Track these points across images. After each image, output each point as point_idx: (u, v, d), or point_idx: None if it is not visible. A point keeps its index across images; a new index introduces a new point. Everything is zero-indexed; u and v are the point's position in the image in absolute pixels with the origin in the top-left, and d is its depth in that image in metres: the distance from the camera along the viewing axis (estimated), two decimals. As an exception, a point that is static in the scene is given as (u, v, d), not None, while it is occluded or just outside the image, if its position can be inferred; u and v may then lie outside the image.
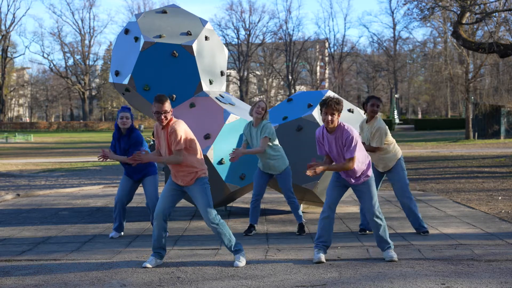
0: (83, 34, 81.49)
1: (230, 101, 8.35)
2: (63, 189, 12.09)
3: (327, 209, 5.55)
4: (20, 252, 6.07)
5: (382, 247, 5.56)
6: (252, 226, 7.01)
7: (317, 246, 5.52)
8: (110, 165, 20.40)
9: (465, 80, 38.01)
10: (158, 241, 5.42)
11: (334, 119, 5.29)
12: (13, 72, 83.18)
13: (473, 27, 30.39)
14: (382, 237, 5.52)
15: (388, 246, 5.52)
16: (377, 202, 5.54)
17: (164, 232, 5.45)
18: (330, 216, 5.52)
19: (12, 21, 75.83)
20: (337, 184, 5.61)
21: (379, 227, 5.50)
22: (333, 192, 5.60)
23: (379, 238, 5.54)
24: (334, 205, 5.59)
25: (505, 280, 4.70)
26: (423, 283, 4.66)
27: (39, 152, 33.18)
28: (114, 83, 8.56)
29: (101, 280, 4.90)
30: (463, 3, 17.32)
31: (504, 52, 17.24)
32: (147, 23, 8.39)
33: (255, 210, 7.02)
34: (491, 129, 37.86)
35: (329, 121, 5.28)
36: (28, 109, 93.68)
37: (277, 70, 78.08)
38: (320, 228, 5.53)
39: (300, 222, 7.01)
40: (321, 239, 5.52)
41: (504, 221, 7.52)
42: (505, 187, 11.44)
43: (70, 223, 7.94)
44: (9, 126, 74.57)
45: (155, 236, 5.43)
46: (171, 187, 5.46)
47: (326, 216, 5.52)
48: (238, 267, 5.27)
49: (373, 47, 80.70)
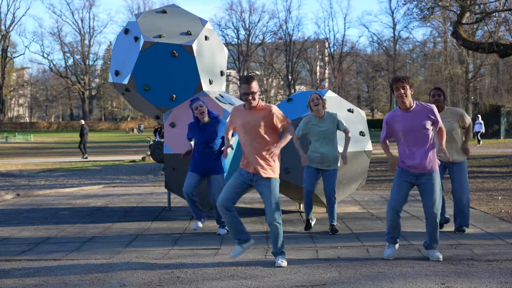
0: (83, 34, 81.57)
1: (230, 101, 8.35)
2: (63, 189, 12.09)
3: (390, 212, 5.46)
4: (20, 252, 6.07)
5: (431, 243, 5.47)
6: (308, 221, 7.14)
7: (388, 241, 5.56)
8: (109, 165, 20.40)
9: (465, 80, 38.05)
10: (234, 230, 5.37)
11: (407, 93, 5.24)
12: (13, 72, 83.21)
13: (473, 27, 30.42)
14: (436, 235, 5.44)
15: (436, 244, 5.48)
16: (441, 197, 5.42)
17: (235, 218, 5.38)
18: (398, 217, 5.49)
19: (12, 21, 75.95)
20: (404, 185, 5.43)
21: (436, 225, 5.42)
22: (400, 191, 5.43)
23: (432, 232, 5.44)
24: (401, 206, 5.45)
25: (505, 280, 4.70)
26: (423, 283, 4.66)
27: (39, 152, 33.17)
28: (114, 83, 8.56)
29: (101, 280, 4.90)
30: (463, 3, 17.32)
31: (504, 52, 17.25)
32: (147, 23, 8.39)
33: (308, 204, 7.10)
34: (491, 129, 37.88)
35: (402, 95, 5.24)
36: (28, 109, 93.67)
37: (277, 70, 78.09)
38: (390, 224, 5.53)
39: (331, 223, 7.00)
40: (390, 234, 5.55)
41: (504, 221, 7.52)
42: (505, 187, 11.44)
43: (70, 223, 7.94)
44: (9, 126, 74.57)
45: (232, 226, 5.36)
46: (238, 181, 5.33)
47: (391, 218, 5.48)
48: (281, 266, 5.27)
49: (373, 47, 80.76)
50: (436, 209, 5.36)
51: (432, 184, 5.36)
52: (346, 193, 8.32)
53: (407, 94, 5.27)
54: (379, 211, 8.51)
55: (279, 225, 5.31)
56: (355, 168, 8.00)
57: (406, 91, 5.26)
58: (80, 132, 25.95)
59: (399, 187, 5.44)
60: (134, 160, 22.77)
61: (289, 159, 7.71)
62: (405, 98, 5.27)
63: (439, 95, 6.70)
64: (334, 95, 8.22)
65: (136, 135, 59.51)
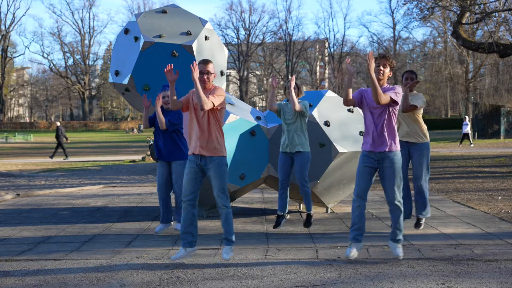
0: (83, 34, 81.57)
1: (230, 101, 8.35)
2: (63, 189, 12.09)
3: (356, 199, 5.41)
4: (20, 252, 6.07)
5: (394, 237, 5.43)
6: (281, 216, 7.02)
7: (352, 237, 5.44)
8: (109, 165, 20.40)
9: (465, 80, 38.06)
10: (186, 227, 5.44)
11: (385, 70, 5.34)
12: (13, 72, 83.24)
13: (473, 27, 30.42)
14: (400, 226, 5.40)
15: (399, 239, 5.42)
16: (401, 183, 5.35)
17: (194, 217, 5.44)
18: (362, 205, 5.40)
19: (12, 21, 75.93)
20: (366, 170, 5.41)
21: (398, 212, 5.38)
22: (362, 176, 5.40)
23: (396, 226, 5.40)
24: (365, 192, 5.40)
25: (505, 280, 4.70)
26: (423, 283, 4.66)
27: (39, 152, 33.17)
28: (114, 83, 8.56)
29: (101, 280, 4.90)
30: (463, 3, 17.32)
31: (504, 52, 17.25)
32: (147, 23, 8.39)
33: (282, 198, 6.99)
34: (491, 129, 37.89)
35: (380, 70, 5.31)
36: (28, 109, 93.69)
37: (277, 70, 78.07)
38: (354, 216, 5.43)
39: (309, 212, 6.98)
40: (354, 226, 5.44)
41: (504, 221, 7.52)
42: (505, 187, 11.44)
43: (70, 223, 7.94)
44: (9, 126, 74.57)
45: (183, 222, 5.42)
46: (191, 170, 5.38)
47: (357, 206, 5.41)
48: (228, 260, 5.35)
49: (373, 47, 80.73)
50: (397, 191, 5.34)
51: (393, 166, 5.34)
52: (346, 193, 8.32)
53: (385, 73, 5.37)
54: (379, 211, 8.51)
55: (228, 210, 5.40)
56: (355, 168, 8.00)
57: (385, 70, 5.37)
58: (56, 134, 25.83)
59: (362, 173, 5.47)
60: (134, 160, 22.78)
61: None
62: (381, 75, 5.36)
63: (412, 79, 6.82)
64: (334, 95, 8.22)
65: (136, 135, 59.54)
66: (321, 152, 7.63)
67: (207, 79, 5.34)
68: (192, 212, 5.41)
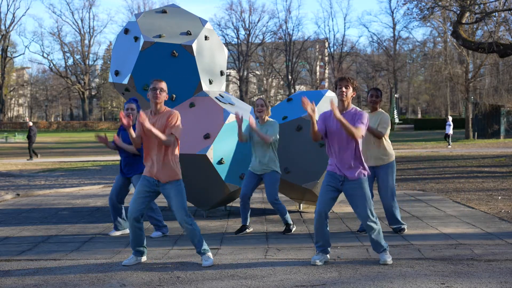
0: (83, 34, 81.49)
1: (230, 101, 8.35)
2: (63, 189, 12.09)
3: (318, 217, 5.32)
4: (20, 252, 6.07)
5: (377, 250, 5.42)
6: (245, 226, 7.03)
7: (317, 250, 5.44)
8: (110, 164, 20.40)
9: (465, 80, 38.03)
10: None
11: (348, 92, 5.23)
12: (13, 72, 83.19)
13: (473, 27, 30.40)
14: (377, 241, 5.35)
15: (383, 249, 5.38)
16: (371, 205, 5.29)
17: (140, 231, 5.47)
18: (324, 223, 5.33)
19: (12, 21, 75.83)
20: (329, 188, 5.33)
21: (374, 231, 5.32)
22: (325, 195, 5.32)
23: (374, 242, 5.37)
24: (325, 211, 5.31)
25: (505, 280, 4.70)
26: (423, 283, 4.66)
27: (39, 152, 33.12)
28: (114, 83, 8.56)
29: (101, 280, 4.90)
30: (463, 2, 17.32)
31: (504, 52, 17.24)
32: (147, 23, 8.39)
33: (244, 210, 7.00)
34: (491, 129, 37.89)
35: (343, 93, 5.21)
36: (28, 109, 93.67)
37: (277, 70, 78.06)
38: (316, 230, 5.39)
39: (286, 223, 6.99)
40: (318, 243, 5.41)
41: (504, 220, 7.52)
42: (505, 186, 11.44)
43: (70, 223, 7.94)
44: (9, 126, 74.55)
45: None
46: (144, 189, 5.38)
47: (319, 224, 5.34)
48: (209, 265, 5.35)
49: (373, 47, 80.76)
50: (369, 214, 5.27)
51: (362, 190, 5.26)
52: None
53: (348, 94, 5.27)
54: (379, 211, 8.51)
55: (191, 226, 5.37)
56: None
57: (348, 91, 5.26)
58: (28, 134, 25.73)
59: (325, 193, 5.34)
60: (134, 160, 22.74)
61: (289, 159, 7.72)
62: (344, 97, 5.26)
63: (377, 96, 6.80)
64: (334, 95, 8.22)
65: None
66: (321, 152, 7.63)
67: (159, 93, 5.27)
68: (138, 227, 5.42)
